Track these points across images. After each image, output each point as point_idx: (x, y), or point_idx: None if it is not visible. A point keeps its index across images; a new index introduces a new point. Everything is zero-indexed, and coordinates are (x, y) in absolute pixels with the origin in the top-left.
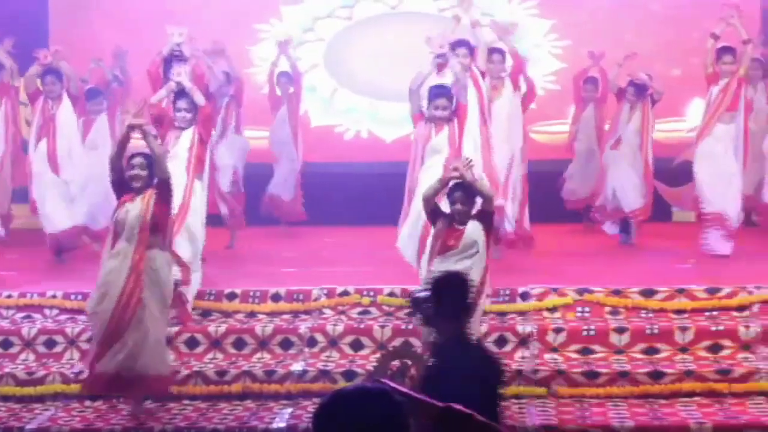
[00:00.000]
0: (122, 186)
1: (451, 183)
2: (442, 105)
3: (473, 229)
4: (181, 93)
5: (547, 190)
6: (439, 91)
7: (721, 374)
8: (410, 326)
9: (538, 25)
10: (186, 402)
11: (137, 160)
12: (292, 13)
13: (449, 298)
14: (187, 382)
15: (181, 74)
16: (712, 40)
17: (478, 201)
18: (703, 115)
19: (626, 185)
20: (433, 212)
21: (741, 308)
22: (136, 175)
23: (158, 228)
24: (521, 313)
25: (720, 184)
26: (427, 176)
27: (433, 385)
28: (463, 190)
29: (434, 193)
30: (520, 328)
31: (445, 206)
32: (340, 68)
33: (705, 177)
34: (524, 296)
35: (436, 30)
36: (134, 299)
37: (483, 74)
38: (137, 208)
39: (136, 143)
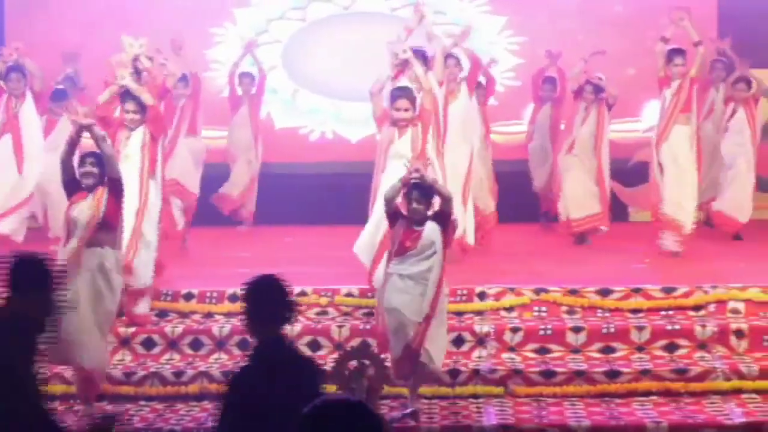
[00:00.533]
0: (74, 185)
1: (412, 183)
2: (403, 106)
3: (431, 231)
4: (127, 94)
5: (502, 190)
6: (399, 93)
7: (677, 373)
8: (368, 326)
9: (492, 23)
10: (142, 403)
11: (89, 159)
12: (246, 15)
13: (262, 301)
14: (144, 383)
15: (125, 77)
16: (661, 44)
17: (437, 202)
18: (659, 118)
19: (579, 192)
20: (393, 214)
21: (697, 308)
22: (87, 172)
23: (110, 226)
24: (478, 312)
25: (676, 186)
26: (389, 180)
27: (245, 388)
28: (421, 190)
29: (395, 193)
30: (477, 328)
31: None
32: (298, 69)
33: (661, 178)
34: (481, 296)
35: (388, 29)
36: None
37: (440, 82)
38: (89, 206)
39: (89, 143)
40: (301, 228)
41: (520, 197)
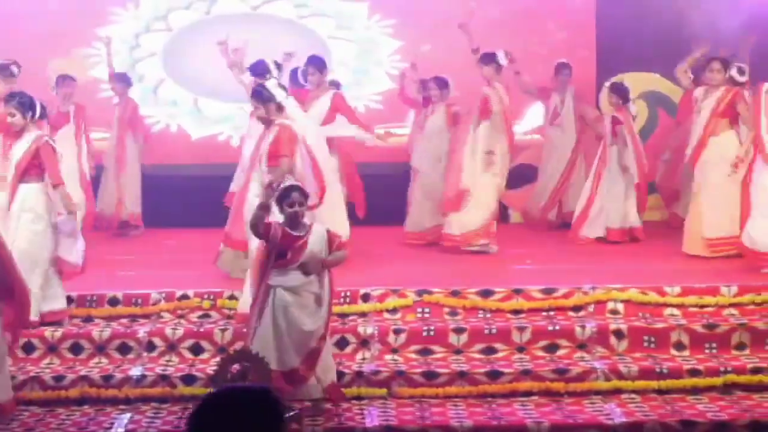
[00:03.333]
0: None
1: (282, 187)
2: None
3: (316, 239)
4: (10, 97)
5: (384, 193)
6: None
7: (557, 374)
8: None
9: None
10: (22, 407)
11: None
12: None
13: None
14: (23, 388)
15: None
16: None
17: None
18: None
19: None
20: (264, 234)
21: (577, 308)
22: None
23: None
24: (362, 314)
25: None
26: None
27: None
28: (299, 190)
29: (260, 220)
30: (361, 330)
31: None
32: (175, 61)
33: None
34: (365, 298)
35: (288, 36)
36: None
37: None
38: None
39: None
40: (178, 231)
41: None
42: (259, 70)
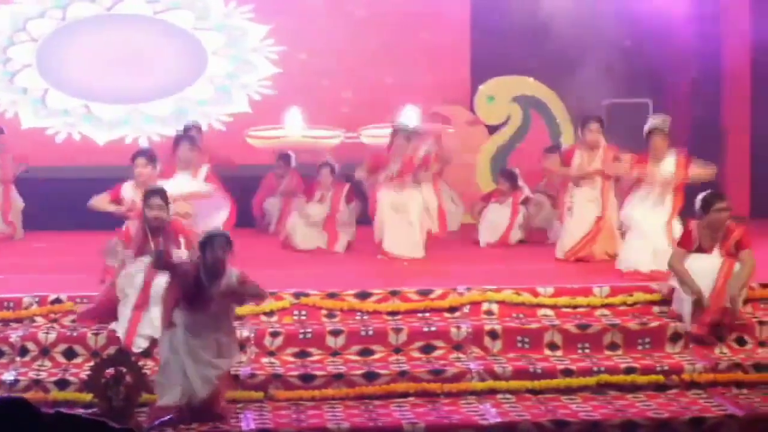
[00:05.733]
0: None
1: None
2: None
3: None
4: None
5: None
6: None
7: (433, 374)
8: None
9: (255, 30)
10: None
11: None
12: (3, 13)
13: None
14: None
15: None
16: None
17: None
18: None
19: None
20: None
21: (452, 309)
22: None
23: None
24: (238, 318)
25: None
26: None
27: None
28: (159, 193)
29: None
30: (237, 333)
31: None
32: (53, 69)
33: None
34: None
35: (148, 31)
36: None
37: None
38: None
39: None
40: (50, 234)
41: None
42: None
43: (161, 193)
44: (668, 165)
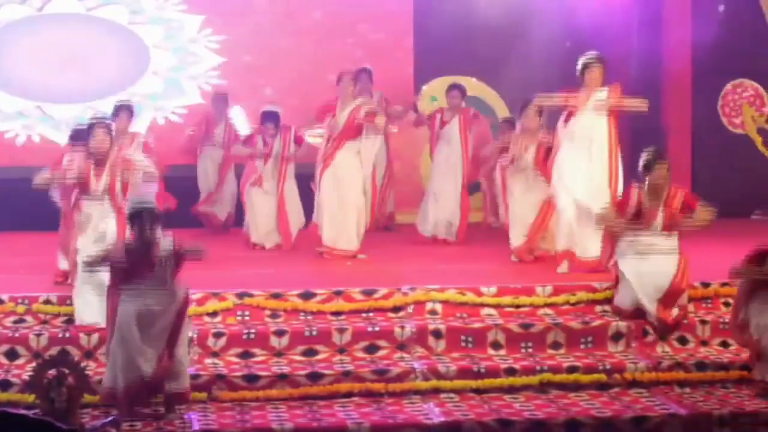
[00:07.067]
0: None
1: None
2: None
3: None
4: None
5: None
6: None
7: (378, 374)
8: (67, 334)
9: (191, 21)
10: None
11: None
12: None
13: None
14: None
15: None
16: None
17: None
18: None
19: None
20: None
21: (396, 309)
22: None
23: None
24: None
25: None
26: None
27: None
28: (104, 125)
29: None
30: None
31: None
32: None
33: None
34: None
35: (85, 28)
36: None
37: None
38: None
39: None
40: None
41: None
42: None
43: (106, 125)
44: (601, 94)
